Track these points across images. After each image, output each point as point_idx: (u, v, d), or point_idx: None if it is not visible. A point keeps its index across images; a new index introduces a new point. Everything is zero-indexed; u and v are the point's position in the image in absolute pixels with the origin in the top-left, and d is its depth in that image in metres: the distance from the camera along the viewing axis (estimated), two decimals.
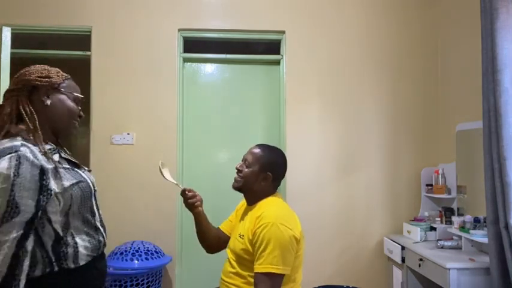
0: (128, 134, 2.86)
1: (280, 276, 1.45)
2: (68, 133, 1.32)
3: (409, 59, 3.06)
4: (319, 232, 2.93)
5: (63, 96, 1.28)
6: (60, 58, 2.93)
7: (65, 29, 2.90)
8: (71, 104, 1.29)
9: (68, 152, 1.33)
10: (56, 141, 1.29)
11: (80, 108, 1.34)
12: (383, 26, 3.05)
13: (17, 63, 2.85)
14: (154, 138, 2.88)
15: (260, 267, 1.44)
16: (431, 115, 3.05)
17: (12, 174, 1.05)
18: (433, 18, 3.08)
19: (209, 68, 3.13)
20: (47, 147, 1.19)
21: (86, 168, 1.36)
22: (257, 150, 1.68)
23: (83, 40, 2.93)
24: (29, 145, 1.13)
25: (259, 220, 1.51)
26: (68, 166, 1.23)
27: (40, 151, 1.14)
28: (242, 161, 1.71)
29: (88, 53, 2.90)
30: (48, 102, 1.24)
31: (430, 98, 3.05)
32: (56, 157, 1.20)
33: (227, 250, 1.70)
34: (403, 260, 2.62)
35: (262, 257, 1.44)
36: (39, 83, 1.23)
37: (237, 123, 3.09)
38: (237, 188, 1.70)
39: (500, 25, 2.00)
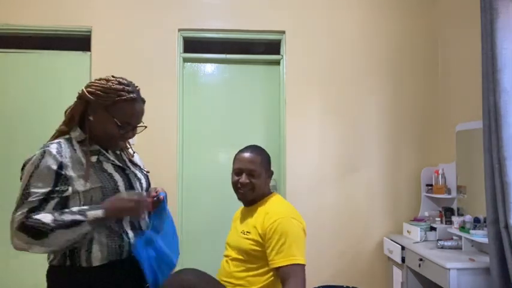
0: None
1: (303, 266, 1.49)
2: (109, 148, 1.37)
3: (409, 58, 3.05)
4: (319, 232, 2.93)
5: (107, 117, 1.29)
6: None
7: (65, 29, 2.90)
8: (110, 126, 1.30)
9: (114, 156, 1.38)
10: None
11: (124, 132, 1.32)
12: (383, 26, 3.05)
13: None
14: (154, 138, 2.87)
15: (284, 260, 1.47)
16: (431, 115, 3.05)
17: (34, 168, 1.20)
18: (433, 18, 3.08)
19: (209, 68, 3.13)
20: (91, 148, 1.31)
21: (139, 172, 1.42)
22: (254, 155, 1.67)
23: (83, 40, 2.93)
24: (64, 143, 1.27)
25: (270, 216, 1.55)
26: (102, 169, 1.30)
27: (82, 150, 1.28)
28: (238, 174, 1.68)
29: (88, 53, 2.90)
30: (91, 118, 1.30)
31: (430, 98, 3.05)
32: (93, 158, 1.30)
33: (228, 252, 1.69)
34: (403, 260, 2.62)
35: (282, 251, 1.47)
36: (88, 98, 1.29)
37: (237, 123, 3.09)
38: (250, 201, 1.69)
39: (500, 25, 2.00)
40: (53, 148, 1.24)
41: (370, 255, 2.97)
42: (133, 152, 1.49)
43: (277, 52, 3.09)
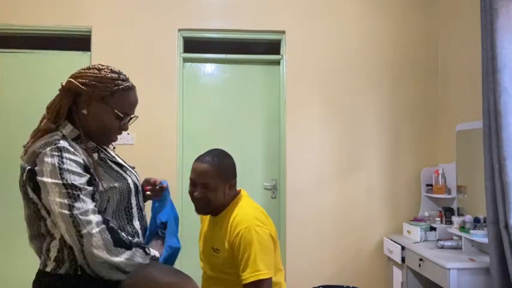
0: (128, 134, 2.86)
1: (269, 280, 1.41)
2: (102, 144, 1.26)
3: (409, 59, 3.05)
4: (320, 232, 2.93)
5: (105, 109, 1.18)
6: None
7: (65, 29, 2.90)
8: (109, 119, 1.19)
9: (110, 153, 1.30)
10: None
11: (123, 123, 1.24)
12: (383, 26, 3.05)
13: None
14: (154, 138, 2.88)
15: (249, 276, 1.38)
16: (431, 115, 3.05)
17: (57, 164, 1.05)
18: (433, 18, 3.08)
19: (209, 68, 3.13)
20: (89, 145, 1.18)
21: (129, 167, 1.33)
22: (208, 166, 1.48)
23: (83, 40, 2.93)
24: (68, 140, 1.12)
25: (234, 228, 1.45)
26: (109, 166, 1.21)
27: (82, 148, 1.14)
28: (193, 185, 1.52)
29: (88, 53, 2.90)
30: (85, 111, 1.17)
31: (430, 98, 3.05)
32: (95, 156, 1.18)
33: (203, 265, 1.62)
34: (403, 260, 2.62)
35: (247, 266, 1.39)
36: (81, 90, 1.16)
37: (237, 123, 3.09)
38: (207, 213, 1.58)
39: (500, 25, 2.00)
40: (65, 144, 1.09)
41: (370, 255, 2.97)
42: (113, 147, 1.39)
43: (277, 52, 3.09)
